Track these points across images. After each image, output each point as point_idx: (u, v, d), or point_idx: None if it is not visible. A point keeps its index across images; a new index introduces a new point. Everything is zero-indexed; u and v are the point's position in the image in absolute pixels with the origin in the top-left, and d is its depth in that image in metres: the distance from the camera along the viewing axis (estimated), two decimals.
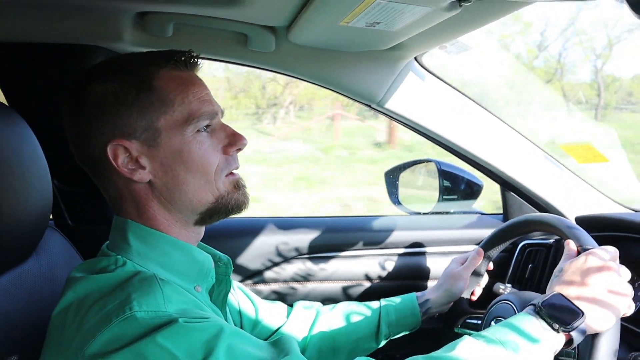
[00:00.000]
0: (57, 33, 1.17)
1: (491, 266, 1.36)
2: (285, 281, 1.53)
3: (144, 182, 0.85)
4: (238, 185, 0.91)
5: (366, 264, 1.56)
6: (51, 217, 1.40)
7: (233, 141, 0.89)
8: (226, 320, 0.94)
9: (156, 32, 1.17)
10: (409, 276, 1.57)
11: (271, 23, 1.16)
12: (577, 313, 0.87)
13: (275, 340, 0.81)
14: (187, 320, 0.71)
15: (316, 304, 1.29)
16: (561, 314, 0.87)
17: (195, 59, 0.90)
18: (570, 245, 1.00)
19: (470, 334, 1.26)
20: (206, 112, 0.86)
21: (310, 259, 1.55)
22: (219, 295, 0.95)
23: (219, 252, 0.99)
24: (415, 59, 1.35)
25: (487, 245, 1.31)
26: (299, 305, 1.27)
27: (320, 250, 1.54)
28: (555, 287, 0.92)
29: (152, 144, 0.83)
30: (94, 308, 0.73)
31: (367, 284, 1.56)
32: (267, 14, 1.07)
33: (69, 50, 1.20)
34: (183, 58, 0.88)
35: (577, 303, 0.88)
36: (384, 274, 1.56)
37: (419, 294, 1.30)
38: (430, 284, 1.57)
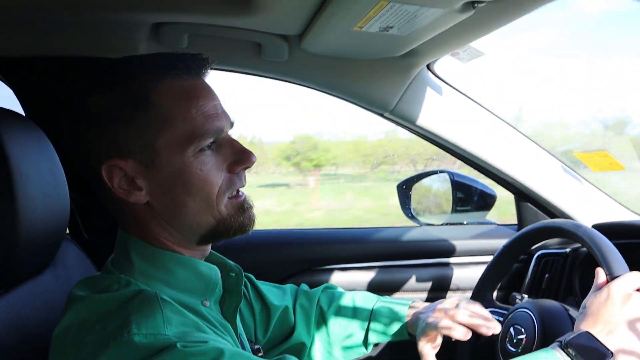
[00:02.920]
0: (74, 46, 1.18)
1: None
2: None
3: (142, 204, 0.80)
4: (243, 208, 0.85)
5: (382, 275, 1.55)
6: (67, 230, 1.42)
7: (240, 159, 0.83)
8: (236, 333, 0.91)
9: (171, 43, 1.18)
10: (426, 287, 1.56)
11: (284, 31, 1.17)
12: (605, 354, 0.84)
13: (278, 358, 0.79)
14: (186, 344, 0.68)
15: (318, 292, 1.22)
16: (589, 355, 0.84)
17: (203, 64, 0.83)
18: (600, 274, 0.95)
19: None
20: (211, 129, 0.79)
21: (325, 270, 1.54)
22: (229, 307, 0.92)
23: (230, 262, 0.95)
24: (428, 67, 1.36)
25: (514, 243, 1.25)
26: (301, 296, 1.20)
27: (335, 262, 1.54)
28: (582, 325, 0.89)
29: (150, 164, 0.78)
30: (94, 330, 0.71)
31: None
32: (280, 22, 1.08)
33: (86, 62, 1.21)
34: (187, 66, 0.80)
35: (605, 342, 0.85)
36: (400, 285, 1.55)
37: (416, 304, 1.20)
38: (450, 294, 1.57)
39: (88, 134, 0.79)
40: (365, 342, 1.20)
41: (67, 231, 1.42)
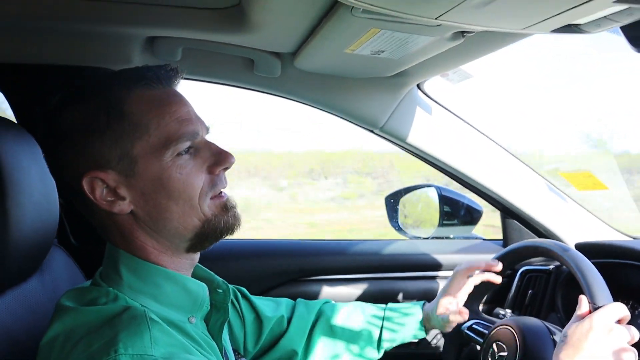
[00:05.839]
0: (68, 56, 1.19)
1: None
2: None
3: (126, 213, 0.80)
4: (227, 207, 0.85)
5: (369, 287, 1.56)
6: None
7: (219, 160, 0.83)
8: (220, 350, 0.90)
9: (165, 56, 1.19)
10: (412, 300, 1.57)
11: (278, 49, 1.18)
12: None
13: None
14: None
15: (319, 303, 1.24)
16: None
17: (172, 74, 0.83)
18: (583, 303, 0.94)
19: (474, 339, 1.25)
20: (185, 133, 0.80)
21: (312, 282, 1.55)
22: (215, 323, 0.91)
23: (218, 278, 0.95)
24: (418, 86, 1.38)
25: (501, 259, 1.26)
26: (300, 305, 1.22)
27: (322, 273, 1.55)
28: (562, 354, 0.89)
29: (130, 173, 0.78)
30: (80, 345, 0.70)
31: None
32: (273, 40, 1.09)
33: (79, 71, 1.22)
34: (157, 76, 0.81)
35: None
36: (387, 297, 1.56)
37: (427, 305, 1.26)
38: None
39: (63, 149, 0.79)
40: (379, 346, 1.22)
41: (56, 238, 1.43)
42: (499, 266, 1.21)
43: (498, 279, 1.22)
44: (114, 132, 0.77)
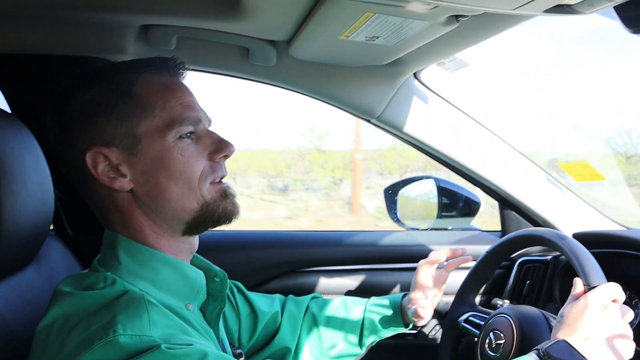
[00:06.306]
0: (62, 45, 1.18)
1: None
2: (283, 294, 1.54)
3: (126, 191, 0.82)
4: (226, 194, 0.87)
5: (367, 278, 1.56)
6: (52, 227, 1.42)
7: (219, 147, 0.86)
8: (218, 338, 0.92)
9: (159, 44, 1.19)
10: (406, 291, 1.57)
11: (272, 37, 1.18)
12: None
13: None
14: (170, 346, 0.69)
15: (307, 299, 1.26)
16: None
17: (180, 65, 0.88)
18: (577, 285, 0.95)
19: (470, 331, 1.25)
20: (189, 118, 0.83)
21: (310, 273, 1.55)
22: (212, 312, 0.92)
23: (215, 267, 0.96)
24: (415, 75, 1.37)
25: (497, 249, 1.28)
26: (289, 303, 1.23)
27: (320, 264, 1.55)
28: (559, 333, 0.90)
29: (133, 151, 0.81)
30: (78, 328, 0.71)
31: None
32: (268, 28, 1.09)
33: (73, 61, 1.22)
34: (165, 63, 0.86)
35: (581, 351, 0.86)
36: (385, 288, 1.56)
37: (405, 298, 1.27)
38: None
39: (71, 127, 0.82)
40: (360, 342, 1.22)
41: (52, 228, 1.43)
42: (461, 250, 1.24)
43: (468, 259, 1.26)
44: (120, 111, 0.81)
